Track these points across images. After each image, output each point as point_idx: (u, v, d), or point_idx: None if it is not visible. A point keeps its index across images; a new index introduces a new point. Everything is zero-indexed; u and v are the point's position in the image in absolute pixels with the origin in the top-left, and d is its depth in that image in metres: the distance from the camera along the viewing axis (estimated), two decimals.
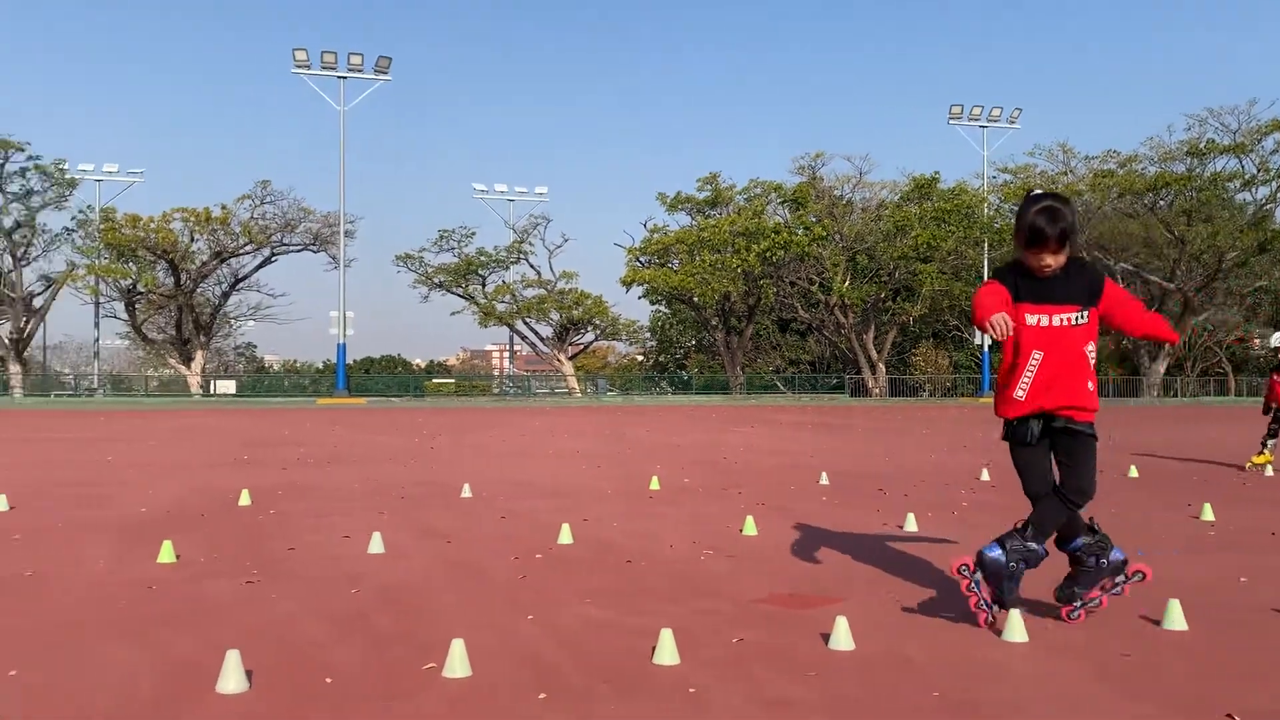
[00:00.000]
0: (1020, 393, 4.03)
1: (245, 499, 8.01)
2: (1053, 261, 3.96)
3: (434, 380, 60.36)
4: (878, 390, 53.97)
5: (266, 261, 54.49)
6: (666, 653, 3.58)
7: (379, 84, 48.16)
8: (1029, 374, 4.01)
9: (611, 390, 60.67)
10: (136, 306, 52.99)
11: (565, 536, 6.16)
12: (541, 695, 3.23)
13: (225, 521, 7.03)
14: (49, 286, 51.34)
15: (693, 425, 21.72)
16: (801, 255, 51.68)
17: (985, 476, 9.94)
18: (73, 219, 52.31)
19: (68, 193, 50.66)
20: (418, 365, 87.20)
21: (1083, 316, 4.00)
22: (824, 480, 9.51)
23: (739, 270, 51.23)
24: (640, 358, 76.03)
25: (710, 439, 16.63)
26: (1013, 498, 8.42)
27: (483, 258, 55.05)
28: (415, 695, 3.22)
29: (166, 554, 5.53)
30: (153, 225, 49.94)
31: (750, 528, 6.50)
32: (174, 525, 6.78)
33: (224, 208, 51.33)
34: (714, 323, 56.56)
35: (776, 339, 63.56)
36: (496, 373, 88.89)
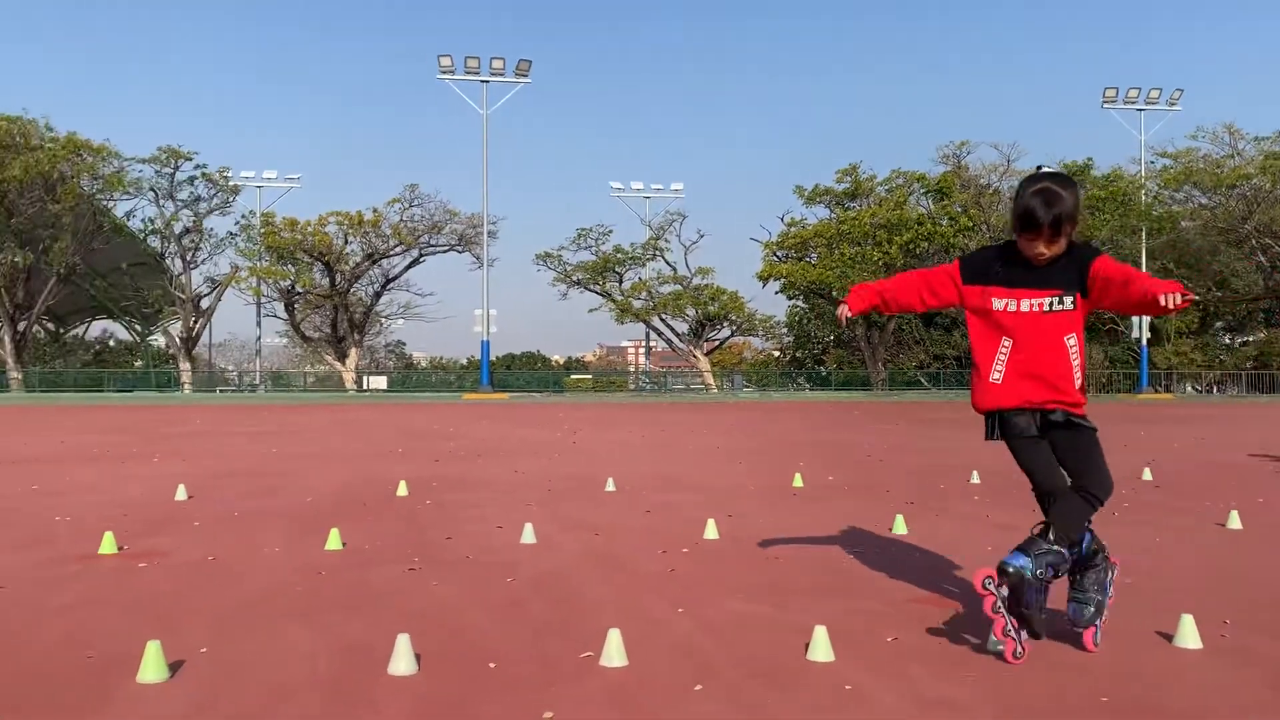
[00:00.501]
0: (996, 376, 3.76)
1: (403, 489, 8.34)
2: (1047, 250, 3.64)
3: (572, 376, 61.35)
4: None
5: (415, 262, 56.48)
6: (821, 649, 3.57)
7: (520, 86, 49.24)
8: (1000, 363, 3.75)
9: (748, 386, 60.40)
10: (295, 306, 55.72)
11: (711, 531, 6.19)
12: (698, 687, 3.27)
13: (386, 511, 7.34)
14: (215, 288, 54.50)
15: (833, 422, 21.44)
16: (946, 247, 50.30)
17: (1147, 476, 9.50)
18: (236, 224, 55.51)
19: (231, 199, 53.65)
20: (556, 361, 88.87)
21: (1061, 302, 3.67)
22: (975, 479, 9.26)
23: (880, 263, 50.24)
24: (777, 354, 75.42)
25: (852, 437, 16.39)
26: (1181, 498, 8.03)
27: (619, 255, 55.65)
28: (575, 683, 3.31)
29: (334, 541, 5.82)
30: (309, 229, 52.44)
31: (900, 526, 6.40)
32: (339, 514, 7.12)
33: (375, 211, 53.47)
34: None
35: (920, 334, 62.01)
36: (633, 369, 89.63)
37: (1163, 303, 3.39)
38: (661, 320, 55.69)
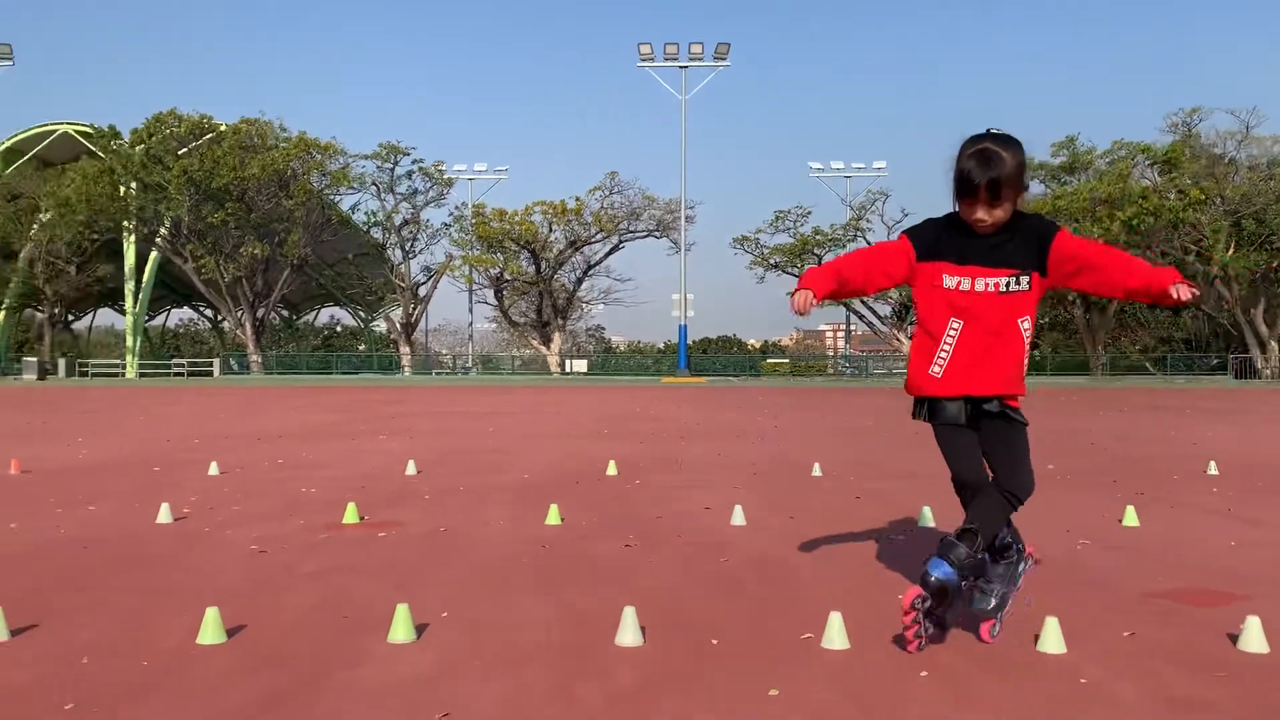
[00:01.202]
0: (936, 369, 3.51)
1: (612, 469, 8.58)
2: (986, 216, 3.36)
3: (769, 360, 61.05)
4: (1269, 372, 47.89)
5: (615, 248, 57.71)
6: (1052, 640, 3.45)
7: (718, 70, 49.27)
8: (946, 347, 3.48)
9: None
10: (503, 292, 58.05)
11: (927, 519, 6.06)
12: (923, 673, 3.23)
13: (598, 489, 7.58)
14: (431, 276, 57.48)
15: (1051, 408, 20.43)
16: (1174, 222, 46.84)
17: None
18: (450, 215, 58.31)
19: (446, 191, 56.39)
20: (752, 346, 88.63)
21: (1018, 283, 3.40)
22: (1212, 470, 8.63)
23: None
24: None
25: (1072, 423, 15.58)
26: None
27: (818, 237, 54.89)
28: (797, 663, 3.34)
29: (553, 517, 6.07)
30: (516, 218, 54.49)
31: (1131, 518, 6.06)
32: (555, 491, 7.41)
33: (578, 199, 54.96)
34: (1071, 298, 52.69)
35: (1144, 315, 58.10)
36: (831, 353, 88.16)
37: (1174, 295, 3.16)
38: (863, 303, 54.58)
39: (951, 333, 3.48)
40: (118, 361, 57.39)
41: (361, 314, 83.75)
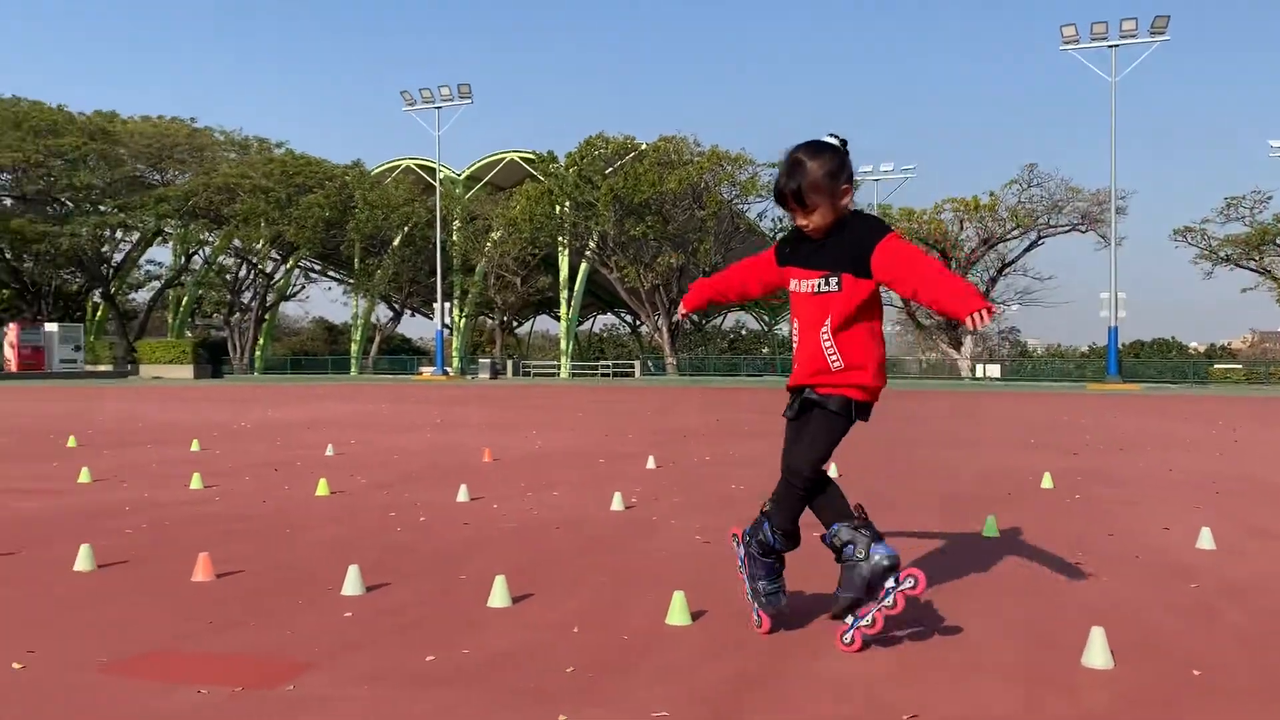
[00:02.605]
0: (795, 364, 3.66)
1: (1047, 481, 8.11)
2: (805, 221, 3.50)
3: (1217, 366, 54.25)
4: None
5: (1033, 245, 54.32)
6: None
7: (1154, 47, 44.71)
8: (794, 345, 3.66)
9: None
10: None
11: None
12: None
13: (1033, 501, 7.21)
14: None
15: None
16: None
17: None
18: None
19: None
20: (1195, 349, 79.29)
21: (827, 284, 3.49)
22: None
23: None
24: None
25: None
26: None
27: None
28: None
29: (990, 529, 5.87)
30: (925, 217, 53.11)
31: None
32: (987, 501, 7.16)
33: (991, 195, 52.42)
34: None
35: None
36: None
37: (969, 324, 3.20)
38: None
39: (795, 332, 3.67)
40: (553, 362, 63.63)
41: (765, 318, 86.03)
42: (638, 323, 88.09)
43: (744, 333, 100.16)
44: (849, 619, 3.52)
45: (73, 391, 30.76)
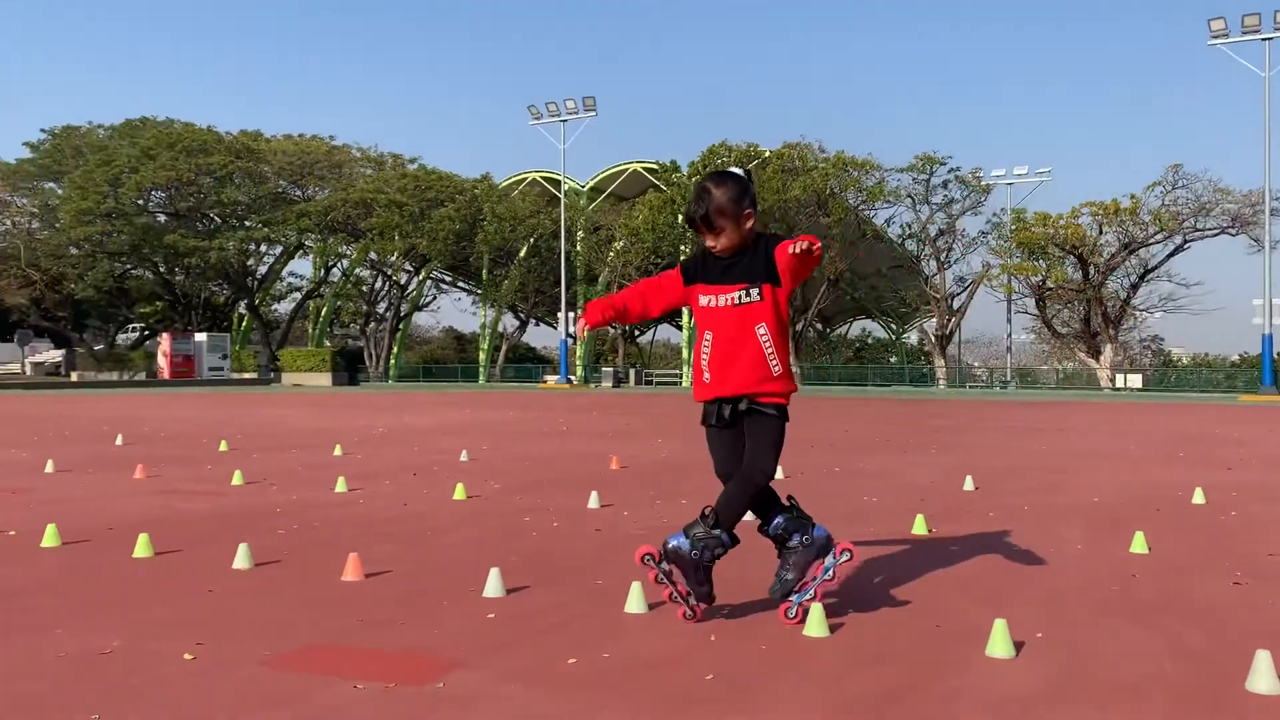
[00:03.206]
0: (706, 376, 3.98)
1: (1199, 497, 7.74)
2: (714, 243, 3.89)
3: None
4: None
5: (1178, 249, 51.81)
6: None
7: None
8: (704, 357, 3.97)
9: None
10: (1045, 301, 54.92)
11: None
12: None
13: (1184, 518, 6.89)
14: (966, 287, 56.14)
15: None
16: None
17: None
18: (987, 222, 56.48)
19: (983, 199, 54.76)
20: None
21: (749, 295, 3.86)
22: None
23: None
24: None
25: None
26: None
27: None
28: None
29: (1138, 544, 5.63)
30: (1061, 222, 51.25)
31: None
32: (1133, 516, 6.87)
33: (1133, 198, 50.24)
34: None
35: None
36: None
37: (791, 250, 3.62)
38: None
39: (706, 345, 3.96)
40: (675, 371, 63.85)
41: (893, 326, 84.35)
42: None
43: (870, 341, 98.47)
44: (792, 597, 3.98)
45: (221, 398, 32.40)
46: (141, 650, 3.58)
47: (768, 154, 54.55)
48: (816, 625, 3.82)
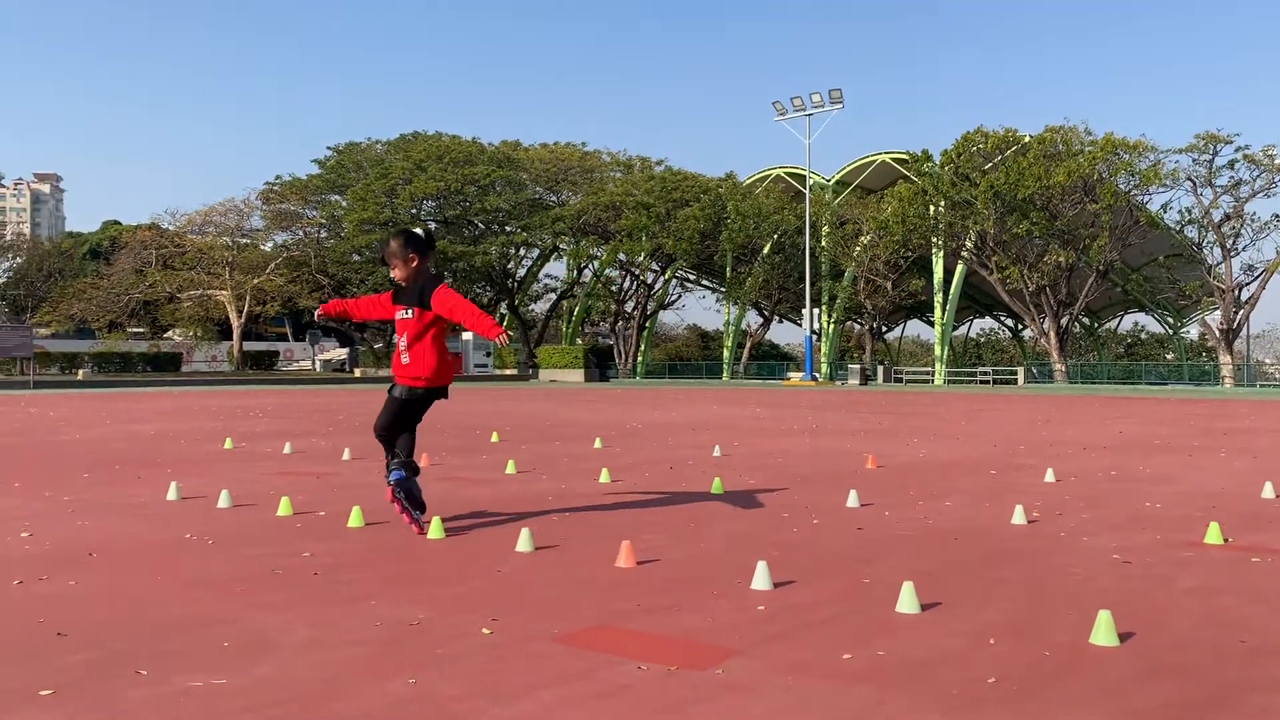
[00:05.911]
0: (402, 359, 6.03)
1: None
2: (394, 274, 6.03)
3: None
4: None
5: None
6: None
7: None
8: (400, 351, 6.03)
9: None
10: None
11: None
12: None
13: None
14: (1257, 276, 50.95)
15: None
16: None
17: None
18: None
19: (1277, 178, 49.49)
20: None
21: (408, 313, 5.96)
22: None
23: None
24: None
25: None
26: None
27: None
28: None
29: None
30: None
31: None
32: None
33: None
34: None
35: None
36: None
37: (499, 341, 5.88)
38: None
39: (401, 343, 6.01)
40: (927, 368, 61.76)
41: (1169, 320, 77.89)
42: (1020, 326, 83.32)
43: (1143, 336, 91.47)
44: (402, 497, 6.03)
45: (486, 392, 34.44)
46: (445, 623, 3.92)
47: (1028, 139, 51.72)
48: (1104, 634, 3.64)
